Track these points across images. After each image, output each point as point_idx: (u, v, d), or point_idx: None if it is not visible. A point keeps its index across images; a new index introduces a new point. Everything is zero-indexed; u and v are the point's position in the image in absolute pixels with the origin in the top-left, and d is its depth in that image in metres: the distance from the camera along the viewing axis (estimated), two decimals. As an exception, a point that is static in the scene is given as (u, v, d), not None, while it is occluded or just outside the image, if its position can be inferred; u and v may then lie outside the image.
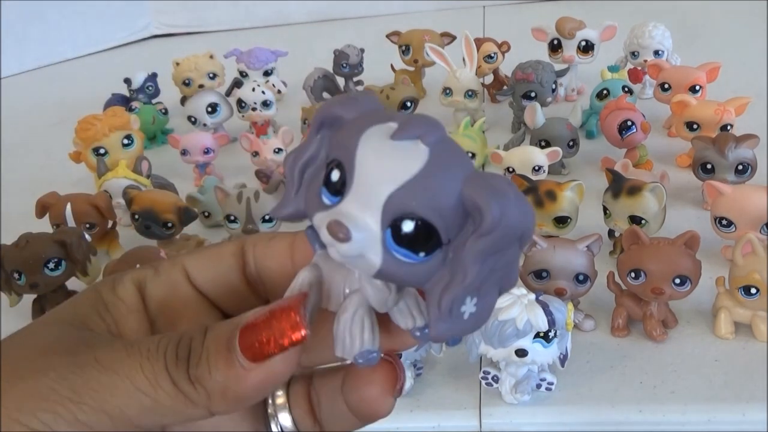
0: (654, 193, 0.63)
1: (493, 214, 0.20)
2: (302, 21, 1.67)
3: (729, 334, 0.58)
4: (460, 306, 0.20)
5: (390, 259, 0.21)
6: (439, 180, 0.20)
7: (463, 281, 0.20)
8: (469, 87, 0.93)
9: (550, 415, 0.53)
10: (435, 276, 0.21)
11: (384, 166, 0.21)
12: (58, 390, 0.20)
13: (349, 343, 0.22)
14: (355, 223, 0.20)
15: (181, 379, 0.21)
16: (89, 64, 1.60)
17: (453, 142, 0.22)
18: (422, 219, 0.20)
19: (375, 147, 0.21)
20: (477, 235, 0.20)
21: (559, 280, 0.57)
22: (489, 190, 0.20)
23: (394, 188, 0.20)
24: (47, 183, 0.85)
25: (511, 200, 0.20)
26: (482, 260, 0.20)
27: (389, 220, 0.20)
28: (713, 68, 0.86)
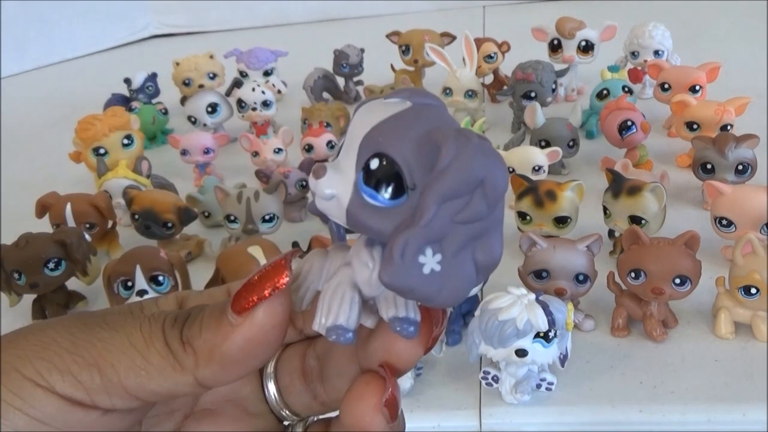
0: (654, 193, 0.63)
1: (448, 150, 0.20)
2: (302, 21, 1.67)
3: (729, 334, 0.58)
4: (415, 253, 0.20)
5: (357, 200, 0.21)
6: (409, 123, 0.21)
7: (419, 221, 0.20)
8: (469, 87, 0.93)
9: (550, 415, 0.53)
10: (399, 223, 0.20)
11: (366, 116, 0.22)
12: (59, 341, 0.21)
13: (324, 315, 0.22)
14: (333, 164, 0.22)
15: (173, 339, 0.22)
16: (89, 64, 1.60)
17: (443, 109, 0.22)
18: (386, 156, 0.20)
19: (366, 108, 0.22)
20: (434, 174, 0.20)
21: (559, 280, 0.57)
22: (452, 132, 0.20)
23: (366, 131, 0.21)
24: (47, 183, 0.85)
25: (473, 143, 0.20)
26: (439, 201, 0.20)
27: (362, 162, 0.21)
28: (713, 68, 0.86)
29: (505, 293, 0.51)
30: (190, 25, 1.71)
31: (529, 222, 0.67)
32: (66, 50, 1.61)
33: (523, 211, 0.67)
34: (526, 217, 0.67)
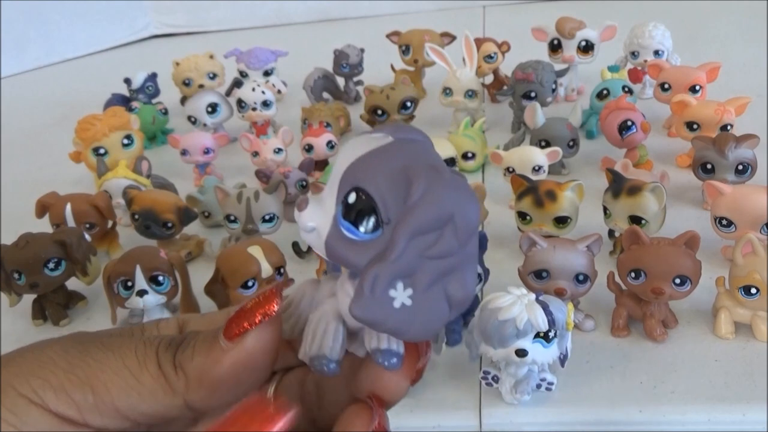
0: (654, 193, 0.63)
1: (420, 185, 0.20)
2: (302, 21, 1.67)
3: (729, 334, 0.58)
4: (385, 287, 0.20)
5: (336, 233, 0.21)
6: (387, 159, 0.21)
7: (389, 256, 0.20)
8: (469, 87, 0.93)
9: (550, 415, 0.53)
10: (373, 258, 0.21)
11: (350, 151, 0.22)
12: (55, 360, 0.22)
13: (309, 345, 0.22)
14: (315, 197, 0.22)
15: (165, 362, 0.22)
16: (89, 64, 1.60)
17: (427, 146, 0.22)
18: (363, 191, 0.21)
19: (352, 142, 0.23)
20: (405, 209, 0.20)
21: (559, 280, 0.57)
22: (424, 167, 0.21)
23: (347, 166, 0.22)
24: (47, 183, 0.85)
25: (444, 178, 0.21)
26: (409, 236, 0.20)
27: (342, 196, 0.21)
28: (713, 68, 0.86)
29: (505, 293, 0.51)
30: (190, 25, 1.71)
31: (529, 222, 0.67)
32: (66, 50, 1.61)
33: (523, 211, 0.67)
34: (526, 217, 0.67)
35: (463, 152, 0.85)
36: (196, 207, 0.78)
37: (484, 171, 0.89)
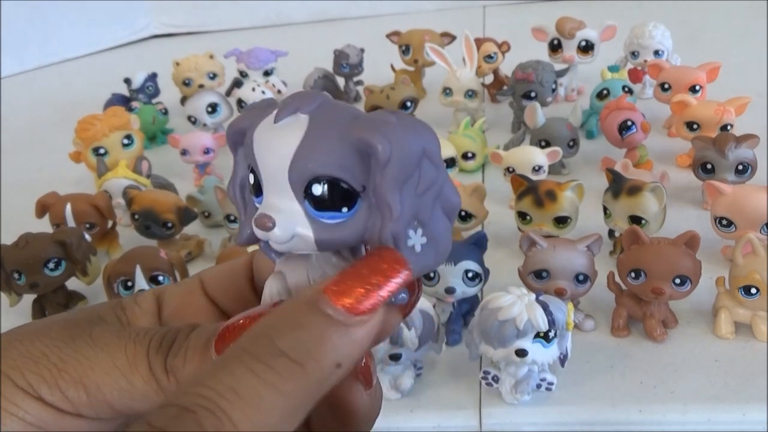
0: (654, 193, 0.63)
1: (383, 144, 0.20)
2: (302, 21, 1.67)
3: (729, 334, 0.58)
4: (404, 240, 0.21)
5: (320, 227, 0.21)
6: (325, 135, 0.21)
7: (392, 215, 0.20)
8: (469, 87, 0.93)
9: (550, 415, 0.53)
10: (369, 224, 0.21)
11: (275, 147, 0.21)
12: (48, 355, 0.21)
13: None
14: (273, 208, 0.21)
15: (157, 366, 0.21)
16: (89, 64, 1.60)
17: (334, 102, 0.22)
18: (325, 177, 0.21)
19: (264, 136, 0.22)
20: (380, 170, 0.20)
21: (559, 280, 0.57)
22: (372, 125, 0.21)
23: (288, 162, 0.21)
24: (47, 183, 0.85)
25: (395, 125, 0.21)
26: (398, 190, 0.20)
27: (301, 192, 0.21)
28: (713, 68, 0.86)
29: (505, 293, 0.51)
30: (190, 25, 1.71)
31: (529, 222, 0.67)
32: (66, 50, 1.60)
33: (523, 211, 0.67)
34: (526, 217, 0.67)
35: (463, 152, 0.85)
36: (196, 207, 0.78)
37: (484, 171, 0.89)
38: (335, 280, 0.20)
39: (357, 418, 0.23)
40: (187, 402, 0.18)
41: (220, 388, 0.18)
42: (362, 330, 0.19)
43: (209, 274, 0.27)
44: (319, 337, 0.19)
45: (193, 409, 0.17)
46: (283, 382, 0.18)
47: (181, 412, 0.17)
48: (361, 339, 0.19)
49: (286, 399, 0.18)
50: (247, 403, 0.17)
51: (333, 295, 0.19)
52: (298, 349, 0.18)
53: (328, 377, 0.19)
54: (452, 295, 0.58)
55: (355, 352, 0.19)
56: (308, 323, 0.19)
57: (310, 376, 0.18)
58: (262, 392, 0.18)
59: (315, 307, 0.19)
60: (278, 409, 0.18)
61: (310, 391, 0.19)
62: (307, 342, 0.19)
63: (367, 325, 0.19)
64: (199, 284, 0.26)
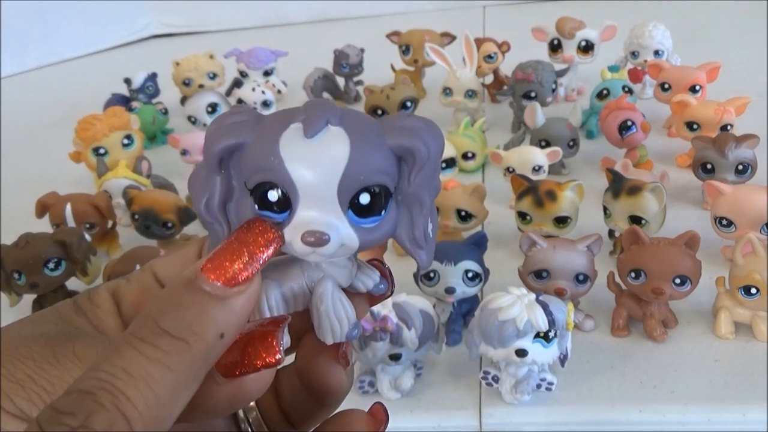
0: (654, 193, 0.63)
1: (422, 149, 0.22)
2: (302, 21, 1.67)
3: (729, 334, 0.58)
4: (427, 231, 0.23)
5: (363, 233, 0.22)
6: (369, 145, 0.22)
7: (423, 211, 0.23)
8: (469, 87, 0.93)
9: (550, 415, 0.53)
10: (398, 221, 0.23)
11: (321, 162, 0.21)
12: (35, 379, 0.21)
13: (339, 327, 0.23)
14: (325, 224, 0.21)
15: None
16: (89, 64, 1.59)
17: (348, 110, 0.23)
18: (375, 185, 0.22)
19: (300, 153, 0.22)
20: (417, 170, 0.22)
21: (559, 280, 0.57)
22: (406, 131, 0.22)
23: (339, 178, 0.21)
24: (47, 183, 0.85)
25: (425, 130, 0.23)
26: (427, 187, 0.23)
27: (347, 201, 0.22)
28: (713, 68, 0.86)
29: (505, 293, 0.51)
30: (190, 25, 1.71)
31: (529, 222, 0.67)
32: (66, 50, 1.60)
33: (523, 211, 0.67)
34: (526, 217, 0.67)
35: (463, 152, 0.85)
36: (196, 207, 0.78)
37: (484, 171, 0.89)
38: (210, 257, 0.21)
39: (336, 395, 0.25)
40: (86, 386, 0.19)
41: (113, 370, 0.19)
42: (240, 300, 0.20)
43: (161, 265, 0.26)
44: (198, 312, 0.20)
45: (92, 391, 0.18)
46: (169, 359, 0.19)
47: (82, 395, 0.18)
48: (240, 308, 0.20)
49: (174, 373, 0.19)
50: (138, 381, 0.19)
51: (209, 272, 0.20)
52: (180, 326, 0.20)
53: (213, 348, 0.20)
54: (452, 295, 0.58)
55: (236, 321, 0.20)
56: (188, 301, 0.20)
57: (195, 350, 0.20)
58: (150, 370, 0.19)
59: (193, 286, 0.20)
60: (168, 384, 0.19)
61: (197, 363, 0.20)
62: (188, 318, 0.20)
63: (244, 295, 0.20)
64: (152, 276, 0.26)
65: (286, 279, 0.24)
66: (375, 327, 0.49)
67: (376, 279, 0.25)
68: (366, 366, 0.55)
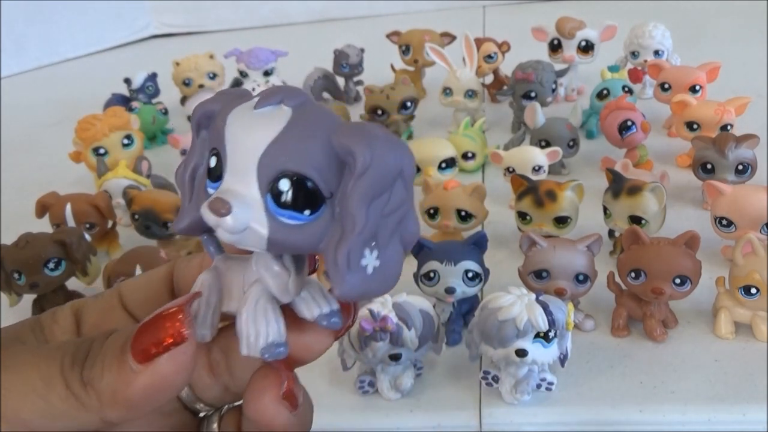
0: (654, 193, 0.63)
1: (364, 153, 0.19)
2: (302, 21, 1.67)
3: (729, 334, 0.58)
4: (359, 258, 0.20)
5: (277, 225, 0.20)
6: (306, 133, 0.20)
7: (354, 229, 0.20)
8: (469, 87, 0.93)
9: (550, 415, 0.53)
10: (327, 234, 0.20)
11: (250, 134, 0.20)
12: None
13: (254, 338, 0.21)
14: (232, 194, 0.20)
15: (73, 381, 0.21)
16: (89, 64, 1.60)
17: (318, 104, 0.22)
18: (296, 174, 0.20)
19: (241, 121, 0.21)
20: (355, 179, 0.20)
21: (559, 280, 0.57)
22: (357, 133, 0.20)
23: (262, 151, 0.20)
24: (47, 183, 0.85)
25: (381, 139, 0.20)
26: (367, 204, 0.20)
27: (266, 184, 0.20)
28: (713, 68, 0.86)
29: (505, 293, 0.51)
30: (190, 25, 1.71)
31: (529, 222, 0.67)
32: (66, 50, 1.61)
33: (523, 211, 0.67)
34: (526, 217, 0.67)
35: (463, 152, 0.85)
36: (196, 207, 0.78)
37: (484, 171, 0.89)
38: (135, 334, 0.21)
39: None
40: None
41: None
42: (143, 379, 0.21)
43: (128, 287, 0.26)
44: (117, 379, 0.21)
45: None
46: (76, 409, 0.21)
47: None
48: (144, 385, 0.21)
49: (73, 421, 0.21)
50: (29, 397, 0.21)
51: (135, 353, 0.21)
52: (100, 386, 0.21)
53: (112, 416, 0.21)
54: (452, 295, 0.58)
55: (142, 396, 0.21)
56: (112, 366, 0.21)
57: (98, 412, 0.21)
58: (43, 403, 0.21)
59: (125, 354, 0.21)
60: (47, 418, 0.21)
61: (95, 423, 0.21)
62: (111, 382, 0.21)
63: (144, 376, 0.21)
64: (117, 297, 0.26)
65: (229, 273, 0.23)
66: (375, 327, 0.49)
67: (325, 309, 0.22)
68: (366, 366, 0.55)
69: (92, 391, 0.21)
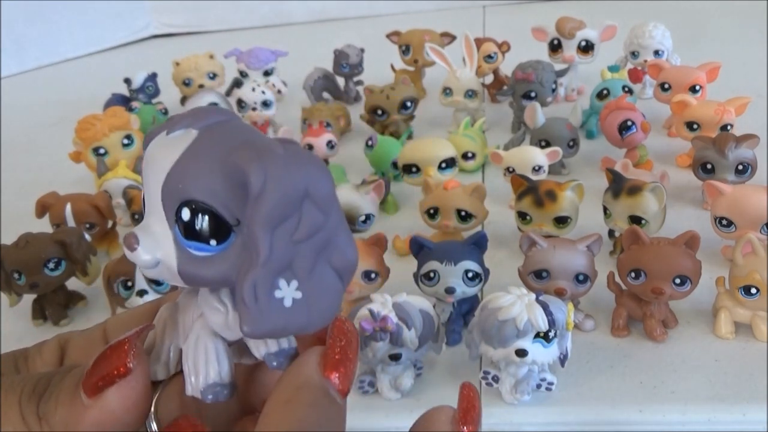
0: (654, 193, 0.63)
1: (257, 173, 0.18)
2: (302, 21, 1.67)
3: (729, 334, 0.58)
4: (269, 291, 0.18)
5: (185, 257, 0.19)
6: (203, 155, 0.19)
7: (258, 259, 0.18)
8: (469, 87, 0.93)
9: (550, 415, 0.53)
10: (239, 266, 0.19)
11: (156, 162, 0.19)
12: None
13: (194, 377, 0.20)
14: (142, 228, 0.20)
15: (29, 413, 0.21)
16: (89, 64, 1.60)
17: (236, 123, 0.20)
18: (193, 201, 0.19)
19: (153, 150, 0.20)
20: (251, 203, 0.18)
21: (559, 280, 0.57)
22: (252, 151, 0.18)
23: (163, 178, 0.19)
24: (47, 183, 0.85)
25: (278, 157, 0.18)
26: (269, 230, 0.18)
27: (172, 215, 0.19)
28: (713, 68, 0.86)
29: (505, 293, 0.51)
30: (190, 25, 1.71)
31: (529, 222, 0.67)
32: (66, 50, 1.61)
33: (523, 211, 0.67)
34: (526, 217, 0.67)
35: (463, 152, 0.85)
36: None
37: (484, 171, 0.89)
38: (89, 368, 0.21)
39: None
40: None
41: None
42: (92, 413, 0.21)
43: (113, 323, 0.26)
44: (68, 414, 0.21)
45: None
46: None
47: None
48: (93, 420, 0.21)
49: None
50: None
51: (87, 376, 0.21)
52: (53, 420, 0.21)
53: None
54: (452, 295, 0.58)
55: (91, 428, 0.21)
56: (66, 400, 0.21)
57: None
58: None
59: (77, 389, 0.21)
60: None
61: None
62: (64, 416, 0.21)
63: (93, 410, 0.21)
64: (102, 333, 0.25)
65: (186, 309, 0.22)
66: (375, 327, 0.49)
67: (273, 348, 0.21)
68: (366, 366, 0.55)
69: (46, 425, 0.21)
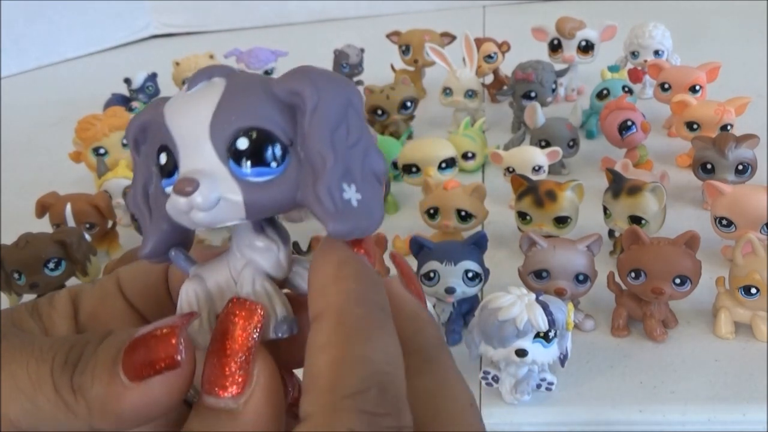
0: (654, 193, 0.63)
1: (310, 89, 0.19)
2: (302, 21, 1.67)
3: (729, 334, 0.58)
4: (340, 193, 0.19)
5: (249, 187, 0.20)
6: (247, 91, 0.20)
7: (325, 165, 0.19)
8: (469, 87, 0.93)
9: (550, 415, 0.53)
10: (300, 182, 0.20)
11: (192, 111, 0.20)
12: None
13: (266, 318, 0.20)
14: (194, 171, 0.20)
15: (62, 386, 0.20)
16: (89, 64, 1.60)
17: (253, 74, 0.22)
18: (251, 128, 0.19)
19: (178, 107, 0.21)
20: (309, 117, 0.19)
21: (559, 280, 0.57)
22: (297, 75, 0.20)
23: (210, 120, 0.20)
24: (47, 183, 0.85)
25: (321, 74, 0.20)
26: (329, 138, 0.19)
27: (225, 149, 0.20)
28: (713, 68, 0.86)
29: (505, 293, 0.51)
30: (190, 25, 1.71)
31: (529, 222, 0.67)
32: (66, 50, 1.60)
33: (523, 211, 0.67)
34: (526, 217, 0.67)
35: (463, 152, 0.85)
36: (196, 207, 0.78)
37: (484, 171, 0.89)
38: (127, 348, 0.20)
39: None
40: None
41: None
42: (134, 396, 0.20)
43: (126, 274, 0.25)
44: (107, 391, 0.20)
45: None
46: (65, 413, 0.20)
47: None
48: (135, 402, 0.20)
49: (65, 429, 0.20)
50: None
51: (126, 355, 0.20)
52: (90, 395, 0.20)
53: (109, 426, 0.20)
54: (452, 295, 0.58)
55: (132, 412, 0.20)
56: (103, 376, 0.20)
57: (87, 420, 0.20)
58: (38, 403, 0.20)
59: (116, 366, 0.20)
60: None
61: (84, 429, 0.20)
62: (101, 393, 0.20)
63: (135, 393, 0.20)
64: (116, 284, 0.25)
65: (212, 274, 0.22)
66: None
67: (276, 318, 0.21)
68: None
69: (82, 399, 0.20)
